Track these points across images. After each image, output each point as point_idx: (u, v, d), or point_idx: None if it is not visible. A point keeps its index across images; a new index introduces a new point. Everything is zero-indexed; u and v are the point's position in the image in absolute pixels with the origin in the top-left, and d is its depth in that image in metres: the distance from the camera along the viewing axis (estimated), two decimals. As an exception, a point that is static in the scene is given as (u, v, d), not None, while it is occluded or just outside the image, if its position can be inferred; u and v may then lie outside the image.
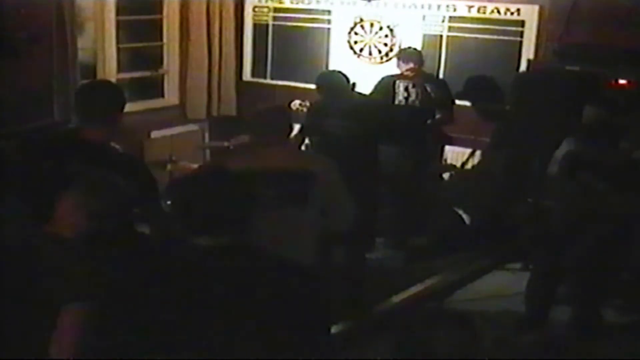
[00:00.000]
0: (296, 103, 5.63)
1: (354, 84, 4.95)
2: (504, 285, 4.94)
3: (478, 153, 6.05)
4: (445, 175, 6.20)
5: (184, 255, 2.17)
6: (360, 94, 5.16)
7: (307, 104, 5.41)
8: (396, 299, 4.69)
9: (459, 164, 6.17)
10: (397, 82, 5.72)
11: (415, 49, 5.93)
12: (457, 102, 5.78)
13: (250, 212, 2.20)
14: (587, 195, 4.04)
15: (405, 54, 5.79)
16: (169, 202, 5.07)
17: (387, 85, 5.73)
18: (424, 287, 4.92)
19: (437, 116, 5.77)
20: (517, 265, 5.17)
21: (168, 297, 2.08)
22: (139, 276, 2.17)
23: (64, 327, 2.25)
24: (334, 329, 2.12)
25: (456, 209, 5.78)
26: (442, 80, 5.95)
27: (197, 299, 2.06)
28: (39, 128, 5.23)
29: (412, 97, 5.69)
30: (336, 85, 4.81)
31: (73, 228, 2.45)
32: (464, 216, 5.72)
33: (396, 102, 5.70)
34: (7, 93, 5.20)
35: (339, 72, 5.00)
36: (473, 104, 5.67)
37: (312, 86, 5.02)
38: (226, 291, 2.06)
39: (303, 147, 5.17)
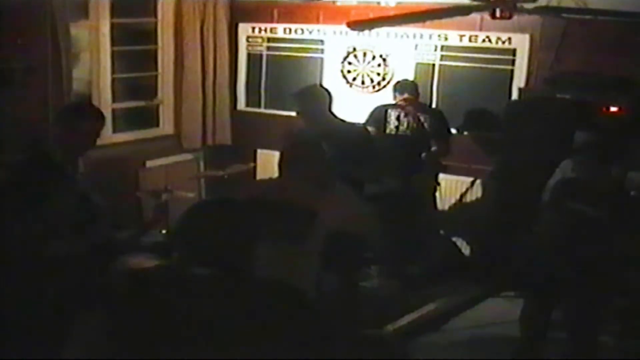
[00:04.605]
0: None
1: (330, 101, 4.57)
2: (499, 313, 4.93)
3: (478, 182, 6.06)
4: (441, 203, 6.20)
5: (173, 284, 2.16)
6: (341, 120, 4.69)
7: None
8: (391, 327, 4.67)
9: (453, 193, 6.18)
10: (389, 111, 5.71)
11: (410, 80, 5.96)
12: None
13: (248, 243, 2.20)
14: (580, 222, 4.06)
15: (400, 86, 5.81)
16: (164, 232, 5.12)
17: (379, 115, 5.72)
18: (419, 315, 4.92)
19: (433, 148, 5.73)
20: (512, 293, 5.16)
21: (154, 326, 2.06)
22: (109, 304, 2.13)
23: None
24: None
25: (452, 237, 5.78)
26: (438, 111, 5.92)
27: (189, 328, 2.04)
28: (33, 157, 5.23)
29: (404, 126, 5.67)
30: (314, 100, 4.55)
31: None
32: (460, 244, 5.71)
33: (387, 131, 5.67)
34: (1, 122, 5.21)
35: (320, 86, 4.85)
36: (473, 136, 5.65)
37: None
38: (221, 320, 2.05)
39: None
